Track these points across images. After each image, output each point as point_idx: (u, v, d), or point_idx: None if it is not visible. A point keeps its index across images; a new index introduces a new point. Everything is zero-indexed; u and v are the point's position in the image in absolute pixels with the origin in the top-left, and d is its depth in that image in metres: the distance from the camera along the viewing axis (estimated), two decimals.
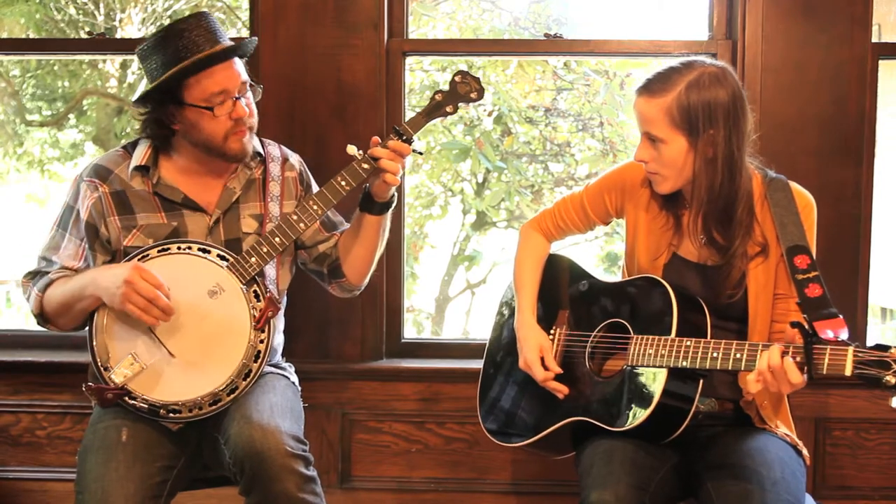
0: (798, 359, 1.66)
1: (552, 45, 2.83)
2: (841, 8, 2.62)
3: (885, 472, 2.72)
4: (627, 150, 4.34)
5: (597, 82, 4.37)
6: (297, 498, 1.89)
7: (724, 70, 1.90)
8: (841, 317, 1.76)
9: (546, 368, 2.06)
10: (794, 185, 1.99)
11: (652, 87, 1.90)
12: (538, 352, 2.08)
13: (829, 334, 1.68)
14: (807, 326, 1.65)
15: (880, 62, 2.69)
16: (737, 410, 2.02)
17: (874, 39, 2.65)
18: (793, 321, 1.67)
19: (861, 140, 2.65)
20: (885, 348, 1.57)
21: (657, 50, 2.79)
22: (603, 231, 4.54)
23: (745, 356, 1.75)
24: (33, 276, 2.15)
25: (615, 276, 2.21)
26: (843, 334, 1.71)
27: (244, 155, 2.11)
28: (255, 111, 2.12)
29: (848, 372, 1.59)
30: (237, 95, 2.05)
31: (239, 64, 2.08)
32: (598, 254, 4.77)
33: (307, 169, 2.32)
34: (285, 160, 2.26)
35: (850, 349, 1.59)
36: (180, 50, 2.00)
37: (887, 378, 1.55)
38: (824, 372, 1.62)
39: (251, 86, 2.11)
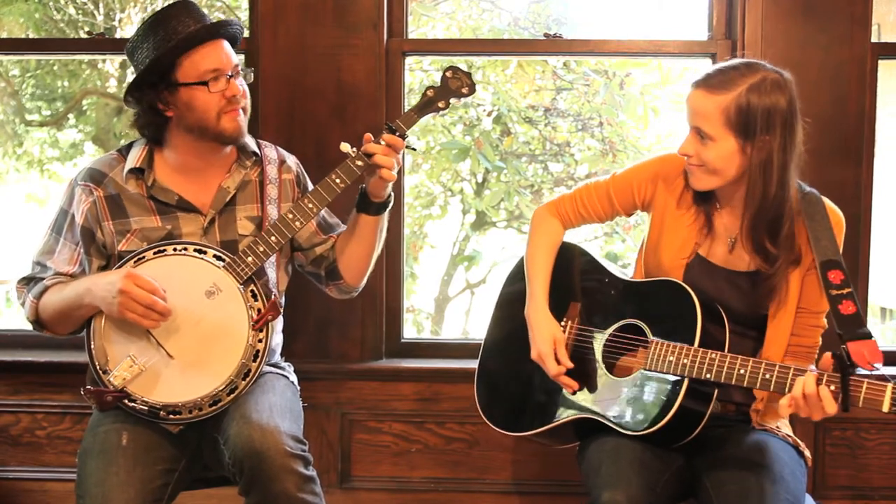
0: (833, 388, 1.66)
1: (552, 45, 2.83)
2: (841, 8, 2.62)
3: (885, 472, 2.73)
4: (627, 151, 4.33)
5: (596, 82, 4.36)
6: (296, 498, 1.89)
7: (785, 77, 1.88)
8: (874, 339, 1.75)
9: (558, 362, 2.03)
10: (826, 201, 1.96)
11: (711, 83, 1.87)
12: (552, 344, 2.03)
13: (862, 350, 1.68)
14: (845, 357, 1.65)
15: (880, 62, 2.69)
16: (738, 411, 2.01)
17: (874, 39, 2.66)
18: (833, 352, 1.67)
19: (861, 140, 2.65)
20: None
21: (657, 50, 2.79)
22: (603, 231, 4.53)
23: (774, 378, 1.74)
24: (28, 282, 2.15)
25: (625, 272, 2.18)
26: (878, 360, 1.70)
27: (239, 135, 2.11)
28: (248, 94, 2.13)
29: (885, 409, 1.60)
30: (230, 74, 2.06)
31: (228, 47, 2.10)
32: (598, 254, 4.76)
33: (304, 171, 2.32)
34: (282, 162, 2.26)
35: (889, 386, 1.60)
36: (170, 32, 2.02)
37: None
38: (860, 405, 1.63)
39: (243, 70, 2.12)
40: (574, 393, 2.02)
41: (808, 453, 1.99)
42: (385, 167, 2.06)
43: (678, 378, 1.84)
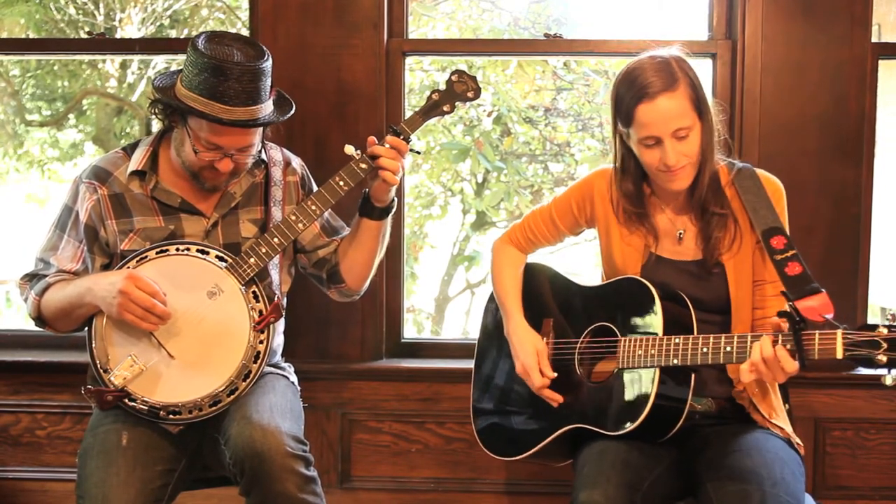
0: (788, 346, 1.67)
1: (552, 45, 2.83)
2: (841, 8, 2.62)
3: (885, 472, 2.73)
4: None
5: (596, 82, 4.36)
6: (297, 498, 1.89)
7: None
8: (824, 291, 1.77)
9: (541, 374, 2.04)
10: (760, 172, 2.00)
11: (664, 84, 1.86)
12: (536, 356, 2.06)
13: (812, 305, 1.69)
14: (794, 314, 1.65)
15: (880, 62, 2.70)
16: (733, 408, 2.02)
17: (874, 39, 2.66)
18: (780, 310, 1.67)
19: (861, 140, 2.65)
20: (872, 328, 1.59)
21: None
22: None
23: (735, 348, 1.76)
24: (31, 278, 2.15)
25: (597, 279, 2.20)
26: (828, 311, 1.72)
27: (215, 189, 2.10)
28: (251, 157, 2.07)
29: (839, 355, 1.61)
30: (231, 153, 2.01)
31: (258, 132, 2.04)
32: (598, 253, 4.76)
33: (309, 173, 2.31)
34: (287, 164, 2.24)
35: (839, 332, 1.61)
36: (215, 88, 1.92)
37: (878, 357, 1.58)
38: (816, 357, 1.64)
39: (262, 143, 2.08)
40: (559, 406, 2.03)
41: (799, 441, 1.99)
42: (389, 170, 2.05)
43: (650, 370, 1.85)
